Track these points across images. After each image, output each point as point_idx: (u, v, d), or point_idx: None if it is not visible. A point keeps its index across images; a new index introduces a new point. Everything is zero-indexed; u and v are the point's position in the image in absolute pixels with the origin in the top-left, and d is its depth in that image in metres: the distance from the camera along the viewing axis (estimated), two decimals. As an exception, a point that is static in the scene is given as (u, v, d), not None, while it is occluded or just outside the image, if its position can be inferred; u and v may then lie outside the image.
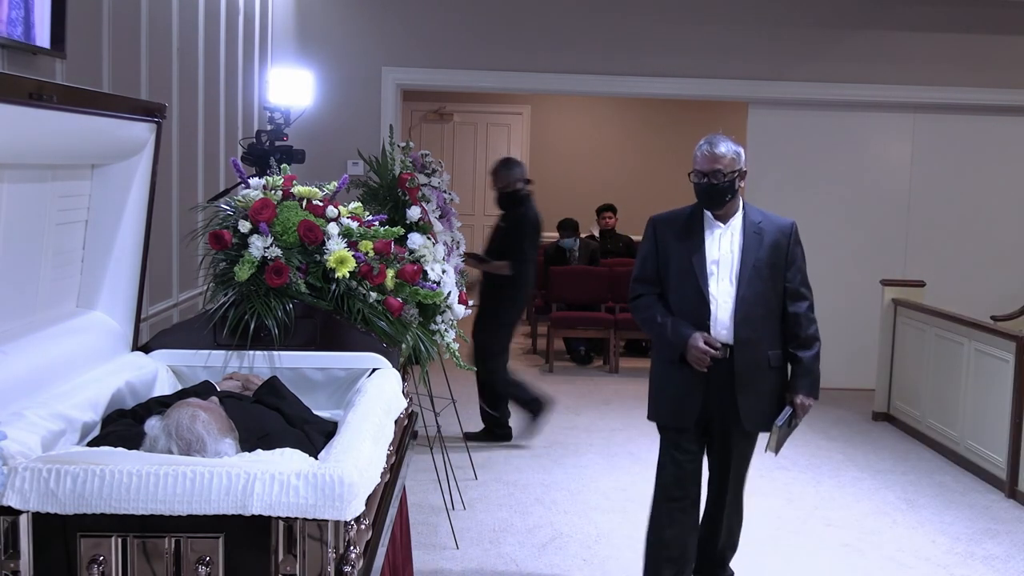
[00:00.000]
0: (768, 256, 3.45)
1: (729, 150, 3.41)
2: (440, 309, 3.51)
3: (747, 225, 3.49)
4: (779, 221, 3.54)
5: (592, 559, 4.23)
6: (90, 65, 3.81)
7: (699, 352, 3.39)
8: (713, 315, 3.45)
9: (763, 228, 3.49)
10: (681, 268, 3.48)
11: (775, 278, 3.48)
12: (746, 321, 3.43)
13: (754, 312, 3.44)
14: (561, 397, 7.11)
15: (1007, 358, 5.27)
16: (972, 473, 5.54)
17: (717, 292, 3.46)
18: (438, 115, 11.06)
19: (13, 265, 2.25)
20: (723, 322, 3.44)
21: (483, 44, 7.22)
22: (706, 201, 3.46)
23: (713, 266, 3.46)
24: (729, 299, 3.44)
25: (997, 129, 7.65)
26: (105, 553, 1.84)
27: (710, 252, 3.47)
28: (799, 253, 3.54)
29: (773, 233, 3.49)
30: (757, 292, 3.44)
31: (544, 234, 8.58)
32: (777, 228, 3.51)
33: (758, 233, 3.47)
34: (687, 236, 3.49)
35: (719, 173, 3.40)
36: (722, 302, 3.45)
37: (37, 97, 1.95)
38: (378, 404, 2.42)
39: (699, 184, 3.44)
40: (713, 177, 3.40)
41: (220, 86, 5.58)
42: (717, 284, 3.46)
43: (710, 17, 7.30)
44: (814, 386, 3.52)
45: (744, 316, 3.43)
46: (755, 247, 3.45)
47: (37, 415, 2.12)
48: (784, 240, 3.50)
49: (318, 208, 2.94)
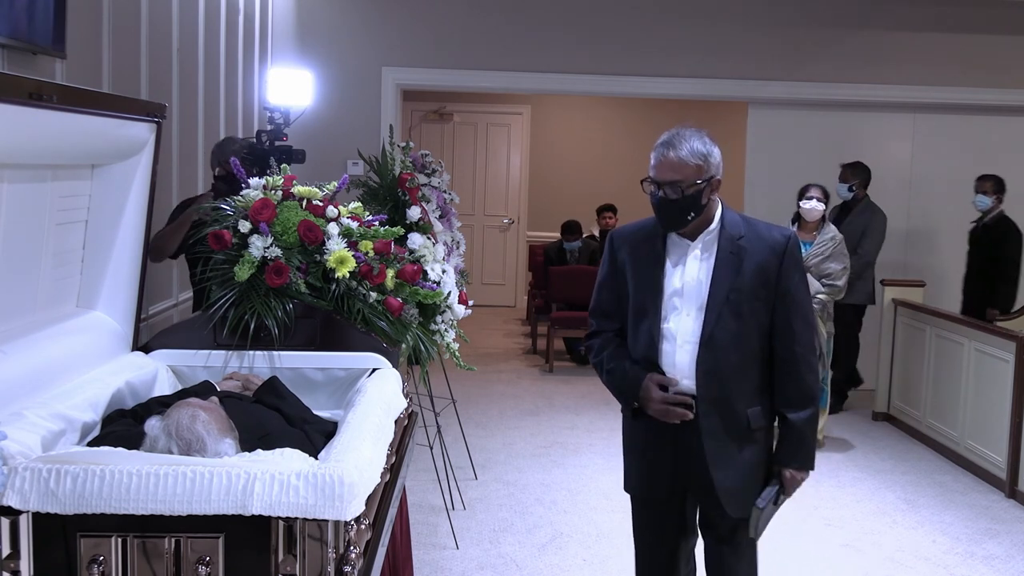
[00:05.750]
0: (750, 282, 2.60)
1: (693, 153, 2.55)
2: (440, 309, 3.51)
3: (723, 241, 2.63)
4: (769, 235, 2.66)
5: (592, 559, 4.23)
6: (90, 65, 3.81)
7: (658, 404, 2.62)
8: (667, 360, 2.65)
9: (744, 246, 2.62)
10: (636, 298, 2.69)
11: (758, 312, 2.62)
12: (713, 371, 2.61)
13: (725, 359, 2.60)
14: (561, 397, 7.12)
15: (1007, 358, 5.27)
16: (972, 473, 5.54)
17: (677, 330, 2.64)
18: (438, 115, 11.05)
19: (13, 265, 2.25)
20: (683, 368, 2.63)
21: (483, 44, 7.22)
22: (662, 219, 2.63)
23: (675, 298, 2.65)
24: (692, 339, 2.62)
25: (997, 129, 7.65)
26: (105, 553, 1.84)
27: (671, 279, 2.66)
28: (796, 278, 2.65)
29: (759, 252, 2.62)
30: (731, 332, 2.60)
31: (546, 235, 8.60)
32: (765, 245, 2.63)
33: (736, 253, 2.62)
34: (647, 257, 2.68)
35: (677, 185, 2.54)
36: (682, 343, 2.63)
37: (37, 97, 1.95)
38: (378, 404, 2.42)
39: (653, 196, 2.60)
40: (669, 189, 2.55)
41: (220, 86, 5.58)
42: (678, 321, 2.64)
43: (710, 17, 7.30)
44: (808, 456, 2.69)
45: (711, 364, 2.60)
46: (731, 271, 2.61)
47: (37, 415, 2.12)
48: (774, 260, 2.62)
49: (318, 208, 2.94)
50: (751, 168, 7.68)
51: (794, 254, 2.65)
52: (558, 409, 6.75)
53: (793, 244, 2.65)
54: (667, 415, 2.63)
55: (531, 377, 7.81)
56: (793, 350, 2.64)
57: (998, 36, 7.42)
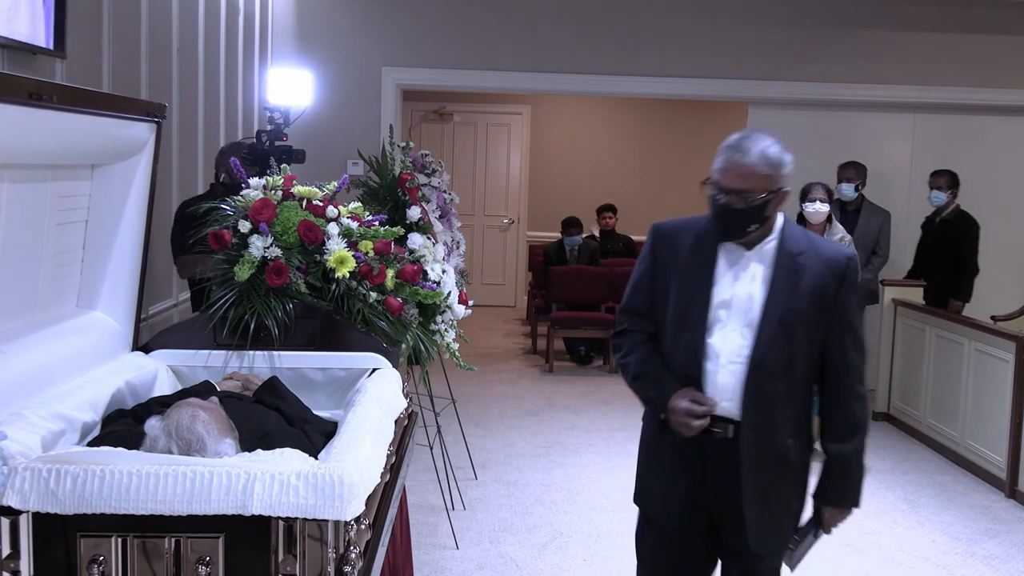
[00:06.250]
0: (806, 303, 2.40)
1: (765, 161, 2.35)
2: (440, 309, 3.51)
3: (781, 256, 2.43)
4: (829, 253, 2.46)
5: (592, 559, 4.23)
6: (90, 65, 3.81)
7: (682, 415, 2.39)
8: (709, 380, 2.42)
9: (803, 263, 2.42)
10: (679, 305, 2.46)
11: (810, 336, 2.42)
12: (761, 396, 2.40)
13: (773, 384, 2.40)
14: (561, 397, 7.12)
15: (1007, 358, 5.27)
16: (972, 473, 5.54)
17: (722, 347, 2.42)
18: (438, 115, 11.05)
19: (13, 265, 2.26)
20: (725, 391, 2.41)
21: (483, 44, 7.22)
22: (720, 227, 2.43)
23: (722, 310, 2.43)
24: (739, 359, 2.41)
25: (997, 129, 7.66)
26: (105, 553, 1.84)
27: (720, 289, 2.43)
28: (851, 302, 2.46)
29: (817, 271, 2.42)
30: (781, 356, 2.39)
31: (546, 235, 8.59)
32: (824, 264, 2.43)
33: (795, 270, 2.41)
34: (695, 261, 2.46)
35: (744, 195, 2.34)
36: (726, 363, 2.41)
37: (37, 97, 1.95)
38: (378, 404, 2.42)
39: (714, 201, 2.39)
40: (735, 198, 2.35)
41: (220, 86, 5.58)
42: (723, 337, 2.42)
43: (710, 17, 7.30)
44: (854, 492, 2.50)
45: (759, 389, 2.40)
46: (788, 289, 2.40)
47: (37, 415, 2.12)
48: (832, 282, 2.42)
49: (318, 208, 2.94)
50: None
51: (853, 277, 2.46)
52: (558, 409, 6.75)
53: (853, 266, 2.46)
54: (687, 428, 2.39)
55: (531, 377, 7.81)
56: (844, 379, 2.46)
57: (998, 36, 7.43)
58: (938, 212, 6.64)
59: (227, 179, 4.10)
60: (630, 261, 8.93)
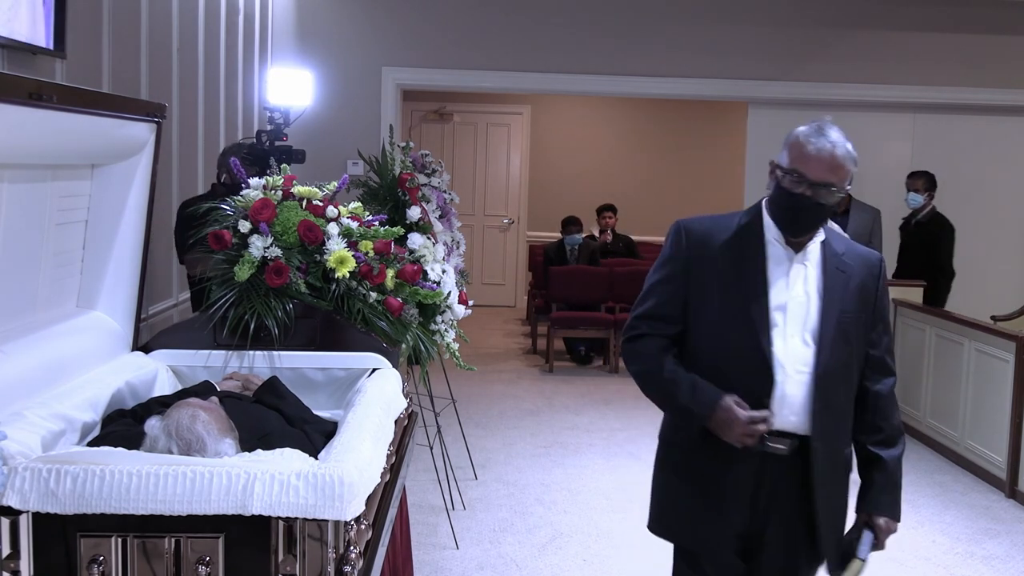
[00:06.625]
0: (855, 307, 2.30)
1: (851, 156, 2.22)
2: (440, 309, 3.51)
3: (828, 258, 2.31)
4: (864, 254, 2.39)
5: (592, 559, 4.23)
6: (90, 65, 3.81)
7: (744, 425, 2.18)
8: (778, 391, 2.23)
9: (848, 263, 2.33)
10: (728, 310, 2.26)
11: (860, 339, 2.33)
12: (828, 407, 2.27)
13: (835, 392, 2.28)
14: (561, 397, 7.12)
15: (1007, 358, 5.27)
16: (972, 473, 5.54)
17: (786, 356, 2.24)
18: (438, 115, 11.06)
19: (13, 265, 2.25)
20: (793, 403, 2.24)
21: (483, 44, 7.23)
22: (791, 223, 2.25)
23: (778, 314, 2.26)
24: (805, 368, 2.25)
25: (997, 129, 7.66)
26: (105, 553, 1.84)
27: (775, 292, 2.27)
28: (887, 304, 2.41)
29: (860, 271, 2.33)
30: (841, 361, 2.28)
31: (546, 235, 8.58)
32: (863, 264, 2.35)
33: (843, 271, 2.31)
34: (739, 260, 2.29)
35: (832, 188, 2.19)
36: (793, 372, 2.24)
37: (37, 97, 1.95)
38: (378, 404, 2.42)
39: (790, 195, 2.22)
40: (823, 192, 2.18)
41: (220, 86, 5.58)
42: (785, 344, 2.25)
43: (710, 17, 7.30)
44: (898, 502, 2.49)
45: (826, 399, 2.26)
46: (841, 291, 2.29)
47: (37, 415, 2.12)
48: (872, 283, 2.35)
49: (318, 208, 2.94)
50: (751, 168, 7.69)
51: (886, 276, 2.40)
52: (558, 409, 6.75)
53: (884, 266, 2.40)
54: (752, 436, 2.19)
55: (531, 377, 7.81)
56: (887, 382, 2.39)
57: (998, 36, 7.43)
58: (914, 214, 6.66)
59: (228, 179, 4.10)
60: (630, 261, 8.92)
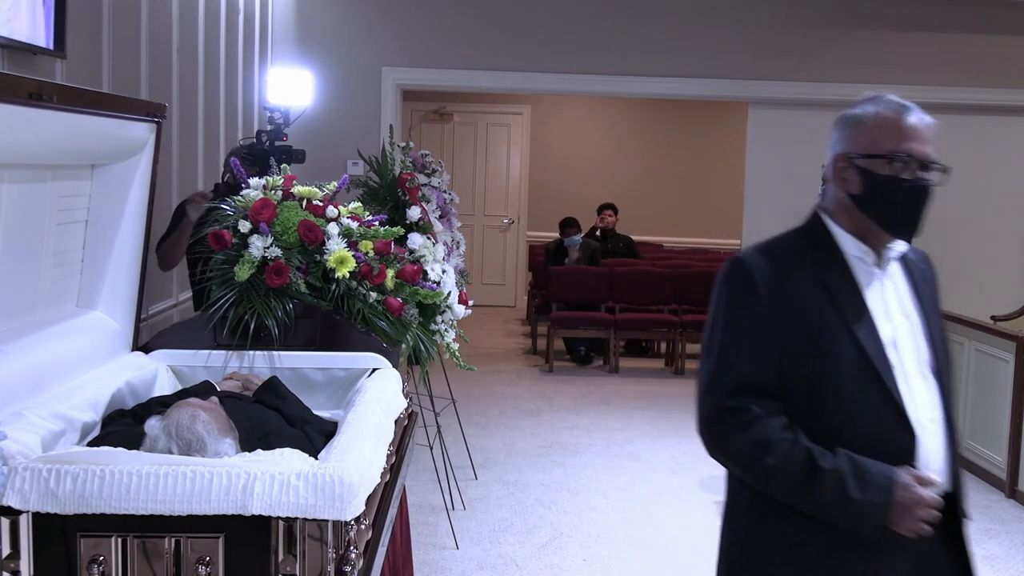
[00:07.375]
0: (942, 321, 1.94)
1: None
2: (440, 309, 3.51)
3: (908, 265, 1.92)
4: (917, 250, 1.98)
5: (592, 559, 4.23)
6: (90, 65, 3.81)
7: (923, 507, 1.70)
8: (920, 448, 1.77)
9: (923, 268, 1.95)
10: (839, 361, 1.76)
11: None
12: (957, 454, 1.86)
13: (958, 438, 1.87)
14: (561, 397, 7.12)
15: (1007, 358, 5.27)
16: (972, 473, 5.53)
17: (912, 403, 1.78)
18: (438, 115, 11.06)
19: (13, 265, 2.26)
20: (936, 459, 1.79)
21: (483, 44, 7.22)
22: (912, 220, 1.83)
23: (891, 352, 1.80)
24: (935, 414, 1.81)
25: (997, 129, 7.65)
26: (105, 553, 1.84)
27: (881, 324, 1.81)
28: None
29: (927, 275, 1.96)
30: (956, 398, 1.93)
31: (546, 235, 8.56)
32: (925, 262, 1.98)
33: (926, 280, 1.94)
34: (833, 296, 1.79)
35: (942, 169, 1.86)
36: (927, 421, 1.80)
37: (37, 97, 1.95)
38: (378, 404, 2.42)
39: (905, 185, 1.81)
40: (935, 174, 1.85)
41: (220, 86, 5.58)
42: (910, 389, 1.79)
43: (710, 17, 7.30)
44: None
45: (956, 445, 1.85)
46: (931, 305, 1.91)
47: (37, 415, 2.12)
48: (936, 288, 1.97)
49: (318, 208, 2.94)
50: (751, 168, 7.68)
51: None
52: (558, 409, 6.76)
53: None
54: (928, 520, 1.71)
55: (531, 377, 7.81)
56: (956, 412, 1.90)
57: (998, 36, 7.43)
58: None
59: (231, 179, 4.10)
60: (630, 261, 8.92)
